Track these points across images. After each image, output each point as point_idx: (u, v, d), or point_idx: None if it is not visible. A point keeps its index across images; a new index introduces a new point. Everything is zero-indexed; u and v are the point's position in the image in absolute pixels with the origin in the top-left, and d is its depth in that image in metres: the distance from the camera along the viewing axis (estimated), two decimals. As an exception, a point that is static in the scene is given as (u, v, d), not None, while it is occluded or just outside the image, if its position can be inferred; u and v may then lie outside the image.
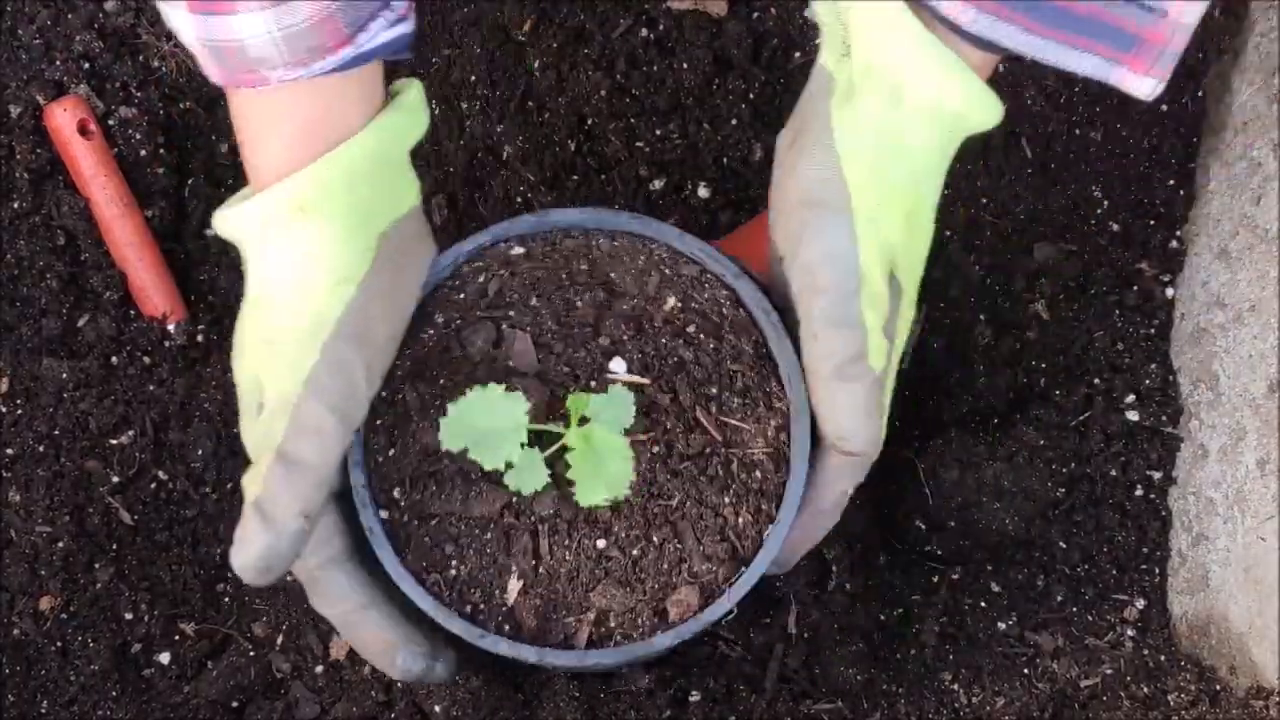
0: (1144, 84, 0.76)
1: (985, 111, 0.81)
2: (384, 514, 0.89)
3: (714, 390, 0.90)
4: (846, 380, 0.83)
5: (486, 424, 0.82)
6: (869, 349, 0.82)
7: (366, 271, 0.81)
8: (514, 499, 0.89)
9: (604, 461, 0.83)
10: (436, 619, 0.88)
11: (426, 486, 0.90)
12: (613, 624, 0.89)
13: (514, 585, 0.89)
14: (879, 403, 0.84)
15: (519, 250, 0.93)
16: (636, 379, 0.88)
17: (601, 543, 0.89)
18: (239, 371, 0.83)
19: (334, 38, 0.74)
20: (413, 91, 0.84)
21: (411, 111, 0.83)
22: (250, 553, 0.78)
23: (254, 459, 0.81)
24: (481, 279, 0.92)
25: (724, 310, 0.93)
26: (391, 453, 0.91)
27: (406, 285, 0.85)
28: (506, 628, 0.89)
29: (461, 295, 0.92)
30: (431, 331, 0.90)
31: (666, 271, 0.94)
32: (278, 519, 0.78)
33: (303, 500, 0.79)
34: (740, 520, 0.90)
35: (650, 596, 0.89)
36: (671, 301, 0.92)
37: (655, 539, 0.89)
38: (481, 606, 0.89)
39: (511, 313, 0.91)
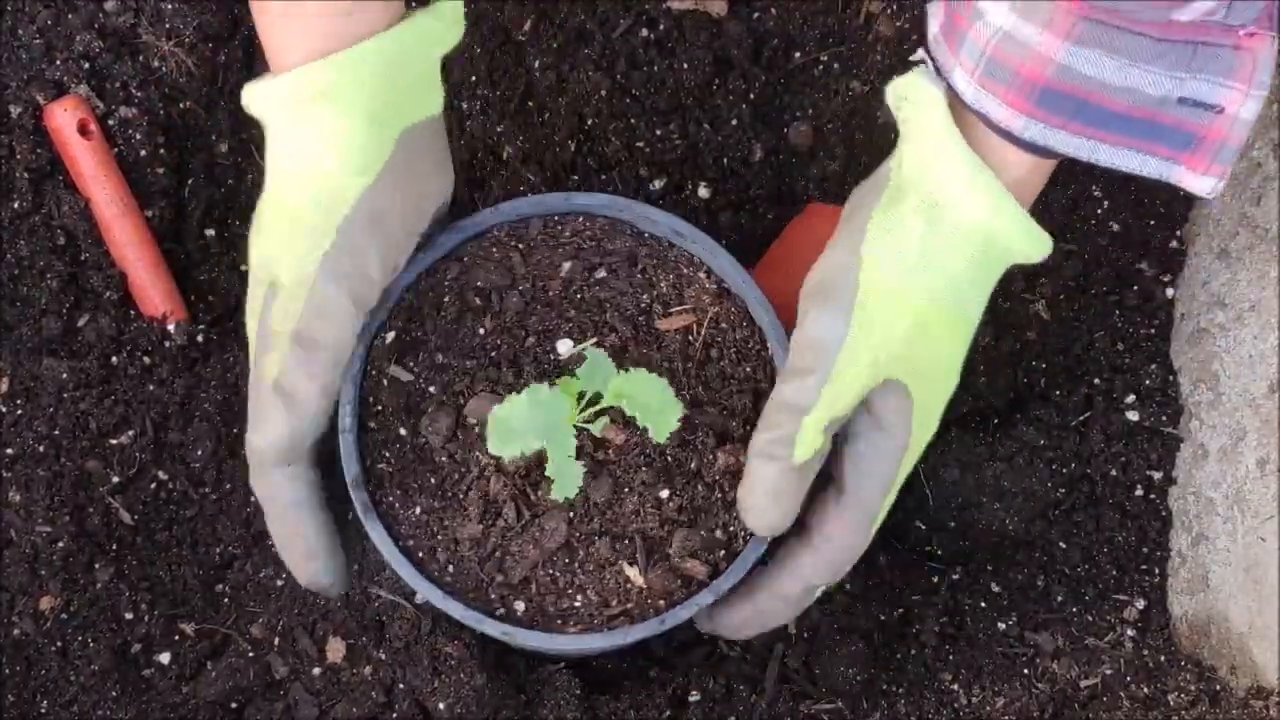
0: (1204, 182, 0.75)
1: (1028, 242, 0.80)
2: (377, 494, 0.90)
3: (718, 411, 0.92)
4: (765, 459, 0.84)
5: (538, 424, 0.84)
6: (798, 439, 0.83)
7: (384, 164, 0.83)
8: (512, 483, 0.90)
9: (652, 403, 0.86)
10: (434, 602, 0.89)
11: (423, 468, 0.91)
12: (610, 609, 0.90)
13: (510, 569, 0.90)
14: (786, 491, 0.84)
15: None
16: (588, 348, 0.90)
17: (598, 531, 0.90)
18: (254, 250, 0.85)
19: None
20: (451, 2, 0.85)
21: (444, 19, 0.84)
22: (275, 433, 0.82)
23: (259, 340, 0.83)
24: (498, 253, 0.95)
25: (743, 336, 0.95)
26: (386, 434, 0.92)
27: (424, 188, 0.87)
28: (501, 611, 0.89)
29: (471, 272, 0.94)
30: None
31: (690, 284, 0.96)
32: (299, 398, 0.82)
33: (322, 379, 0.82)
34: (731, 516, 0.91)
35: (642, 582, 0.90)
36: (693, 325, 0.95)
37: (646, 528, 0.90)
38: (477, 591, 0.90)
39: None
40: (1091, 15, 0.69)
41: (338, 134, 0.81)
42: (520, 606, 0.90)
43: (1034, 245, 0.81)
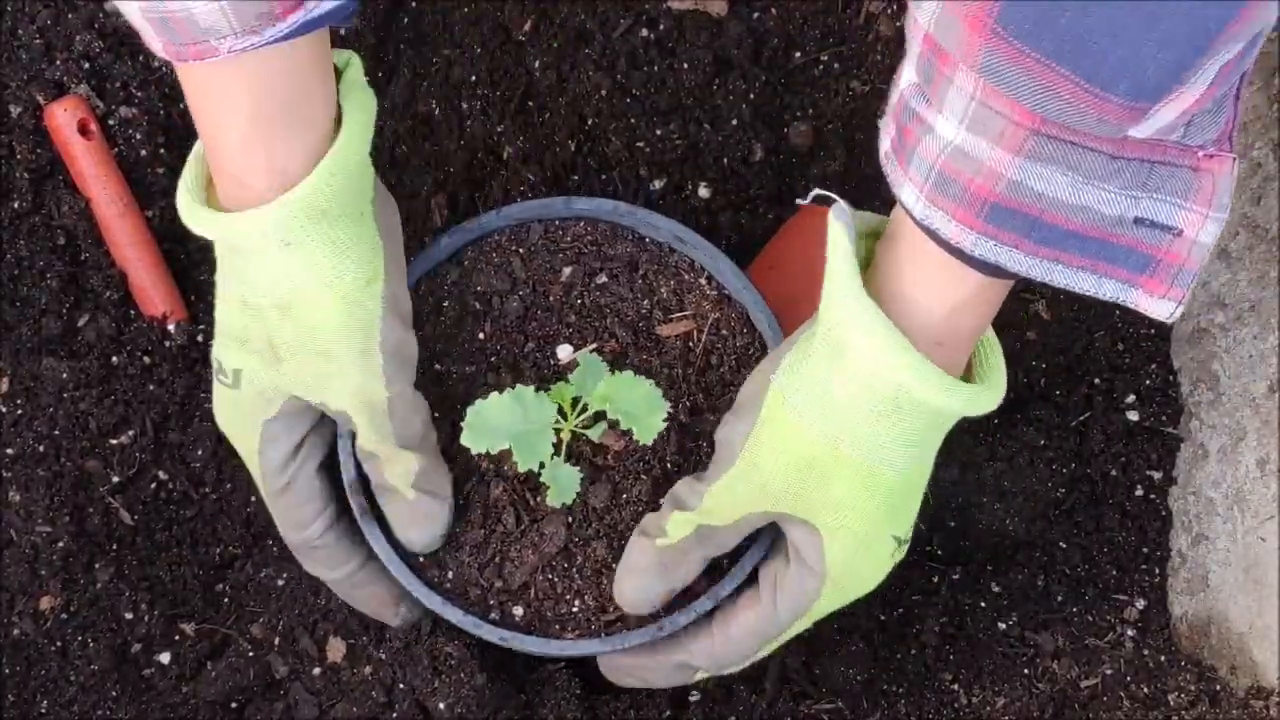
0: (1163, 306, 0.73)
1: (949, 396, 0.77)
2: (378, 501, 0.91)
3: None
4: (639, 534, 0.89)
5: (517, 426, 0.84)
6: (667, 526, 0.87)
7: (382, 258, 0.84)
8: (512, 488, 0.90)
9: (636, 406, 0.88)
10: (432, 608, 0.89)
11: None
12: (607, 614, 0.90)
13: (509, 574, 0.90)
14: (644, 568, 0.88)
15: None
16: (584, 354, 0.91)
17: (596, 537, 0.90)
18: (265, 368, 0.86)
19: (282, 3, 0.72)
20: (355, 66, 0.84)
21: (365, 88, 0.84)
22: (439, 524, 0.90)
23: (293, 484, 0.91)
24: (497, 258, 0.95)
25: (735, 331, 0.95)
26: None
27: (400, 242, 0.88)
28: (498, 616, 0.89)
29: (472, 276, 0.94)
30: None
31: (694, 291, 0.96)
32: (439, 489, 0.90)
33: (443, 463, 0.91)
34: None
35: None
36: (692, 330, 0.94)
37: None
38: (477, 596, 0.90)
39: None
40: (1044, 130, 0.66)
41: (345, 251, 0.82)
42: (519, 612, 0.89)
43: (963, 401, 0.79)
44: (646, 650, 0.92)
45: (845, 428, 0.80)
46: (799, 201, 0.96)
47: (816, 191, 0.84)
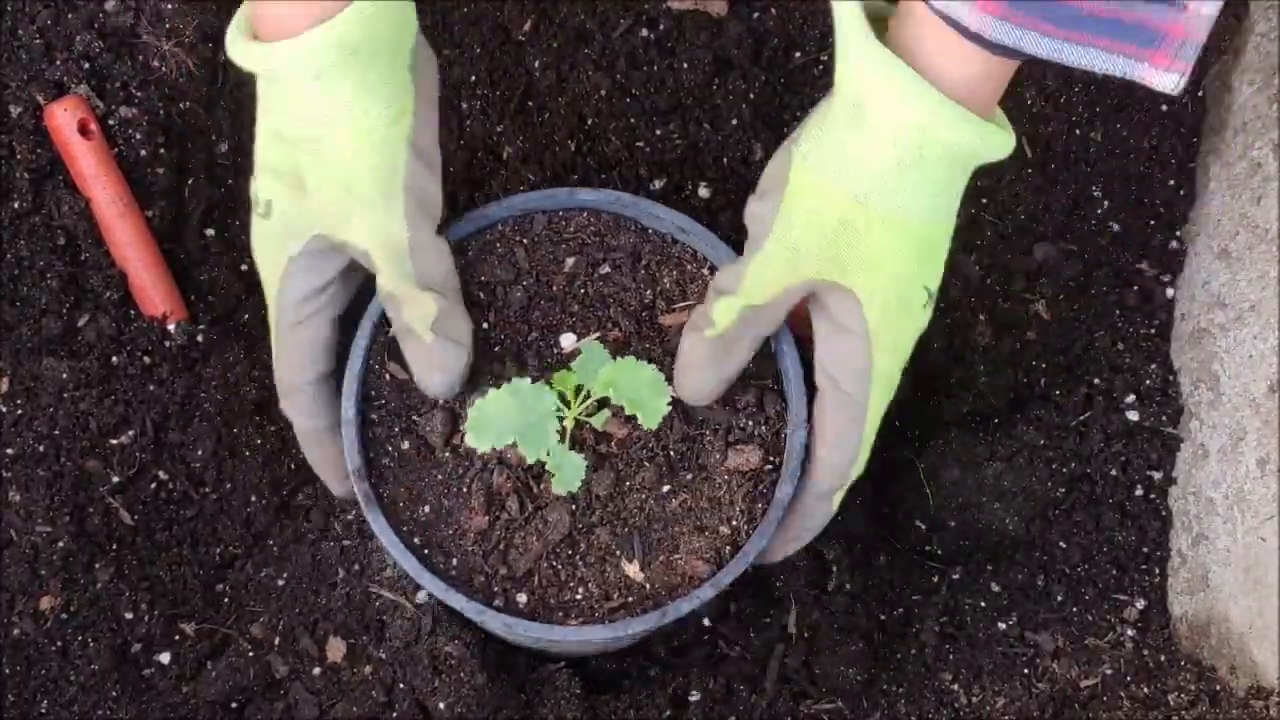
0: (1167, 79, 0.77)
1: (974, 136, 0.81)
2: (379, 486, 0.91)
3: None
4: (689, 329, 0.91)
5: (520, 418, 0.85)
6: (713, 315, 0.89)
7: (413, 101, 0.86)
8: (515, 476, 0.90)
9: (639, 390, 0.88)
10: (436, 594, 0.89)
11: (425, 462, 0.91)
12: (611, 602, 0.90)
13: (514, 561, 0.90)
14: (700, 361, 0.90)
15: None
16: (589, 342, 0.91)
17: (600, 524, 0.90)
18: (291, 202, 0.87)
19: None
20: None
21: None
22: (455, 371, 0.89)
23: (265, 262, 0.91)
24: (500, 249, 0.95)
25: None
26: (388, 428, 0.92)
27: (435, 98, 0.90)
28: (502, 603, 0.90)
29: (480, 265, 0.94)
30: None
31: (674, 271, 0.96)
32: (459, 335, 0.90)
33: (464, 310, 0.91)
34: (734, 511, 0.91)
35: (641, 578, 0.90)
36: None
37: (648, 522, 0.90)
38: (481, 583, 0.90)
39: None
40: None
41: (373, 88, 0.84)
42: (522, 599, 0.90)
43: (983, 139, 0.82)
44: (788, 513, 0.93)
45: (873, 182, 0.83)
46: None
47: None
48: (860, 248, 0.85)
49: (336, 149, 0.85)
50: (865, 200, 0.83)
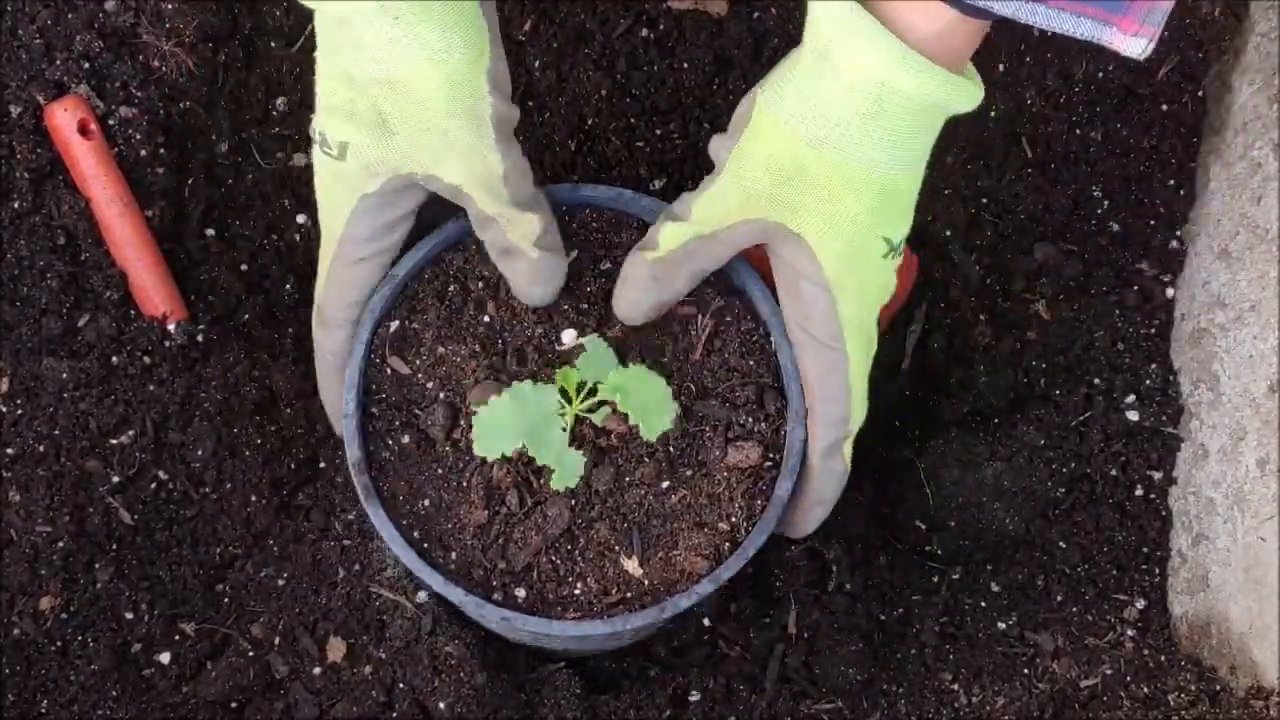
0: (1135, 43, 0.77)
1: (935, 86, 0.81)
2: (379, 479, 0.91)
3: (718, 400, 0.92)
4: (633, 252, 0.93)
5: (525, 422, 0.85)
6: (659, 238, 0.91)
7: (488, 38, 0.87)
8: (515, 470, 0.90)
9: (647, 402, 0.88)
10: (434, 588, 0.89)
11: (425, 456, 0.92)
12: (609, 597, 0.90)
13: (513, 555, 0.90)
14: (639, 280, 0.92)
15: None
16: (590, 339, 0.91)
17: (599, 519, 0.90)
18: (375, 143, 0.88)
19: None
20: None
21: None
22: (558, 279, 0.93)
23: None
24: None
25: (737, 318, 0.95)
26: (389, 422, 0.92)
27: (498, 31, 0.91)
28: (501, 597, 0.90)
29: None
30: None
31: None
32: (557, 245, 0.93)
33: (558, 229, 0.94)
34: (733, 508, 0.91)
35: (639, 573, 0.90)
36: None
37: (648, 518, 0.90)
38: (480, 577, 0.90)
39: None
40: None
41: (452, 29, 0.84)
42: (521, 593, 0.90)
43: (949, 90, 0.82)
44: (800, 480, 0.94)
45: (831, 129, 0.83)
46: None
47: None
48: (813, 193, 0.86)
49: (419, 90, 0.86)
50: (820, 146, 0.84)
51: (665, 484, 0.91)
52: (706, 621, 1.09)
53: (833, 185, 0.85)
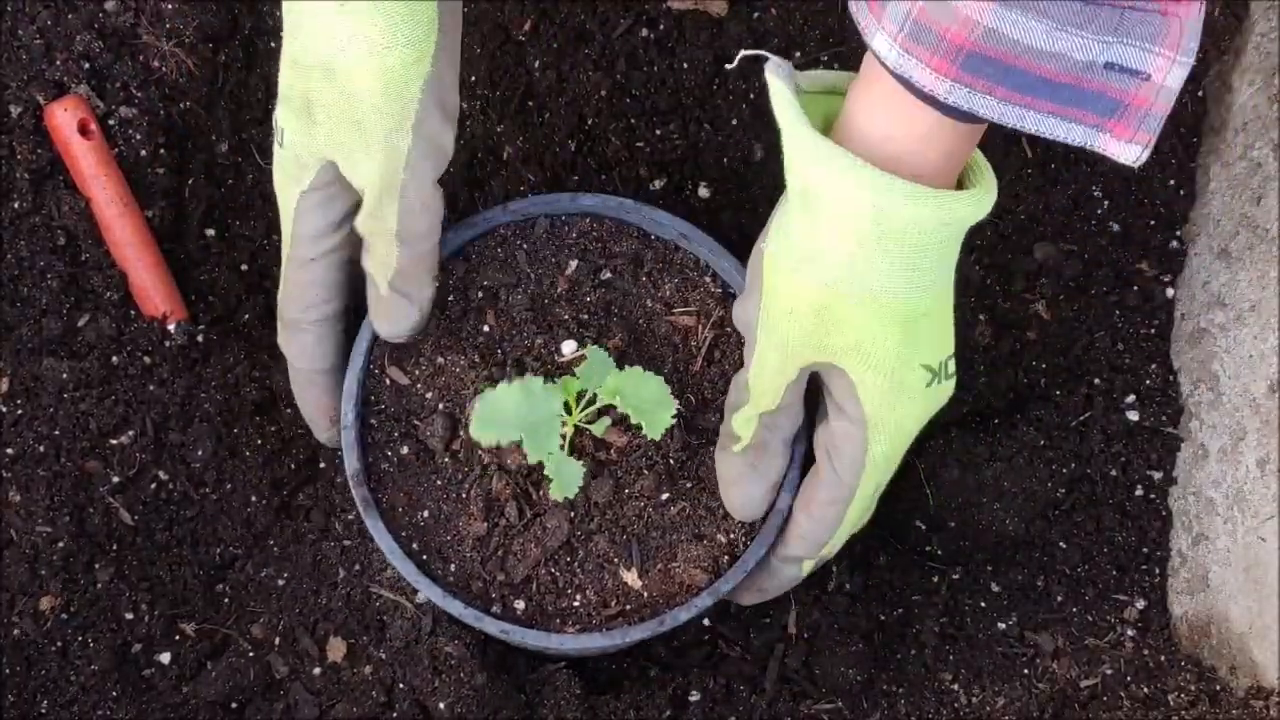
0: (1129, 150, 0.74)
1: (931, 206, 0.78)
2: (378, 491, 0.91)
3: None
4: (719, 451, 0.92)
5: (527, 417, 0.85)
6: (733, 428, 0.90)
7: (435, 44, 0.84)
8: (514, 482, 0.90)
9: (646, 401, 0.88)
10: (434, 600, 0.89)
11: (424, 467, 0.91)
12: (609, 609, 0.90)
13: (512, 568, 0.90)
14: (737, 478, 0.91)
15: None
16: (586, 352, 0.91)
17: (598, 531, 0.90)
18: (299, 131, 0.86)
19: None
20: None
21: None
22: (403, 326, 0.91)
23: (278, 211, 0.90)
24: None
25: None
26: (387, 433, 0.92)
27: (459, 42, 0.88)
28: (500, 610, 0.90)
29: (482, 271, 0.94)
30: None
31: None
32: (414, 292, 0.90)
33: (430, 268, 0.90)
34: (732, 521, 0.91)
35: (639, 586, 0.90)
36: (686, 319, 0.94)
37: (647, 530, 0.90)
38: (479, 589, 0.90)
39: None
40: None
41: (394, 23, 0.82)
42: (520, 605, 0.90)
43: (944, 209, 0.78)
44: (755, 570, 0.94)
45: (838, 270, 0.81)
46: (727, 66, 0.96)
47: (744, 53, 0.85)
48: (842, 332, 0.83)
49: (351, 82, 0.83)
50: (834, 286, 0.81)
51: (664, 496, 0.91)
52: (706, 622, 1.09)
53: (858, 321, 0.82)
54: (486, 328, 0.94)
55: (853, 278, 0.81)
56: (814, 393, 0.90)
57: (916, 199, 0.77)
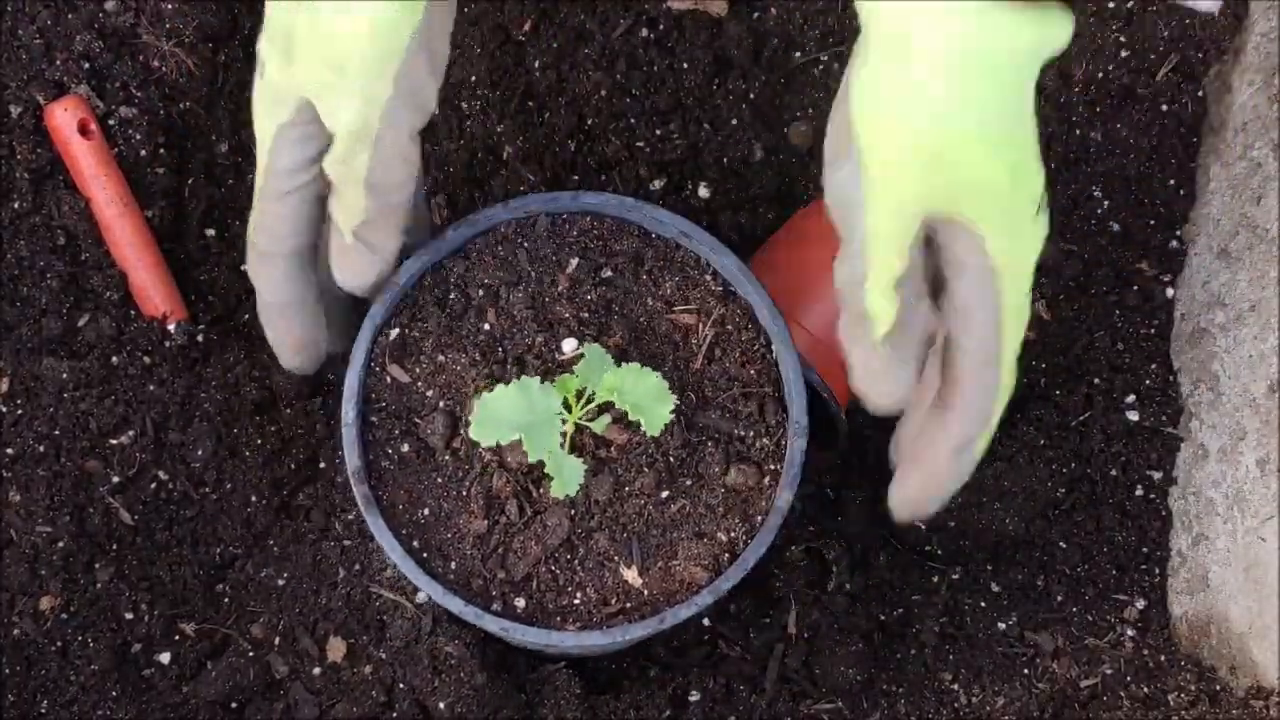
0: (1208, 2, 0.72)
1: (1009, 31, 0.74)
2: (378, 489, 0.91)
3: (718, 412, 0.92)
4: (851, 343, 0.82)
5: (525, 417, 0.85)
6: (869, 312, 0.81)
7: (438, 5, 0.81)
8: (514, 479, 0.90)
9: (644, 397, 0.88)
10: (434, 598, 0.89)
11: (424, 465, 0.92)
12: (609, 607, 0.90)
13: (512, 565, 0.90)
14: (882, 368, 0.82)
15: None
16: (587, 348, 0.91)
17: (598, 529, 0.91)
18: (278, 67, 0.83)
19: None
20: None
21: None
22: (365, 278, 0.88)
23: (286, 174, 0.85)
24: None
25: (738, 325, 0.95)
26: (388, 430, 0.92)
27: (454, 3, 0.86)
28: (500, 607, 0.90)
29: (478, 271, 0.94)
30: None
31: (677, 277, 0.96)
32: (380, 244, 0.87)
33: (399, 221, 0.87)
34: (733, 520, 0.91)
35: (639, 584, 0.90)
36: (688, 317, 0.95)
37: (647, 528, 0.91)
38: (479, 586, 0.90)
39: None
40: None
41: None
42: (520, 603, 0.90)
43: (1042, 30, 0.74)
44: (918, 464, 0.87)
45: (942, 106, 0.76)
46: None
47: None
48: (955, 175, 0.78)
49: (333, 23, 0.80)
50: (940, 127, 0.77)
51: (665, 494, 0.91)
52: (706, 621, 1.09)
53: (968, 161, 0.78)
54: (487, 325, 0.94)
55: (957, 115, 0.77)
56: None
57: (1017, 22, 0.74)
